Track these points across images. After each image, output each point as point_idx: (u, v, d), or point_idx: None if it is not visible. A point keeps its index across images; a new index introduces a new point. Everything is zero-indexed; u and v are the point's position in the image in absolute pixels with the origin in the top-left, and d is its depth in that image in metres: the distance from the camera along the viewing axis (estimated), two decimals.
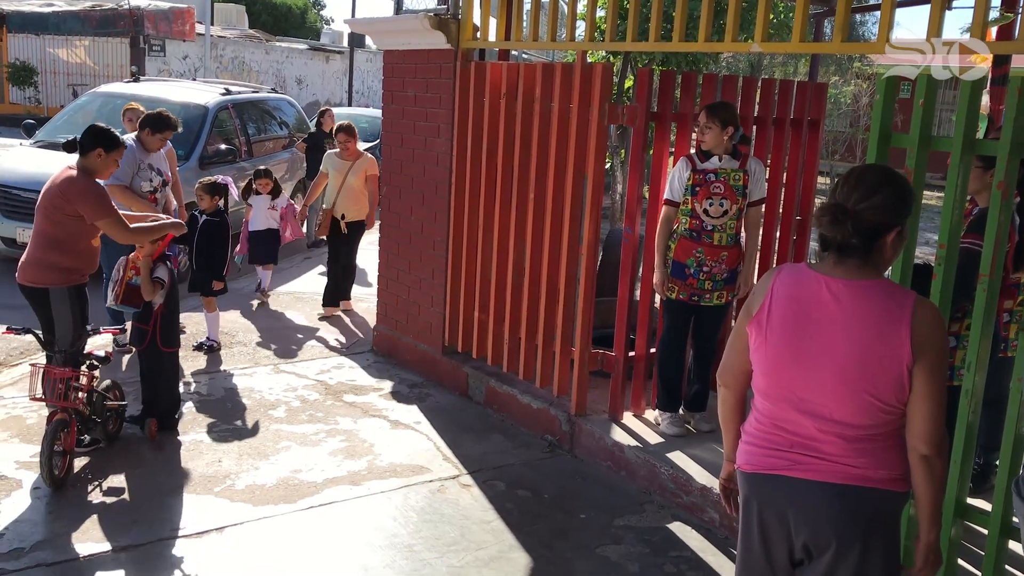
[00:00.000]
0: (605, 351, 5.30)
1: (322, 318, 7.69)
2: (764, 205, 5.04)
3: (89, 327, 4.80)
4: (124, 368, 6.09)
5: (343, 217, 7.67)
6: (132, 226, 4.81)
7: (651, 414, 5.26)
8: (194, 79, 15.44)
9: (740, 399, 2.72)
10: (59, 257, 4.64)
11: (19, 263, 4.78)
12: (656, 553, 4.13)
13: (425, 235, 6.31)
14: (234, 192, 6.85)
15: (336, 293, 7.90)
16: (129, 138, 6.47)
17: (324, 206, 7.78)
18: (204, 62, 24.76)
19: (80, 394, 4.62)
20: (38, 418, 5.10)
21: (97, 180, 4.76)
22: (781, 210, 5.64)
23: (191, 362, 6.38)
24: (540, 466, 5.03)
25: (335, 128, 7.96)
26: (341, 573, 3.84)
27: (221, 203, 6.51)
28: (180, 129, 6.73)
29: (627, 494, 4.71)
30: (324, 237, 7.91)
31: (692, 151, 4.89)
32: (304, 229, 11.32)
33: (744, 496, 2.61)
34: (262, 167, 8.38)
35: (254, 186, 7.87)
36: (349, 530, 4.21)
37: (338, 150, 7.77)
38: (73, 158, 4.77)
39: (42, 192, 4.78)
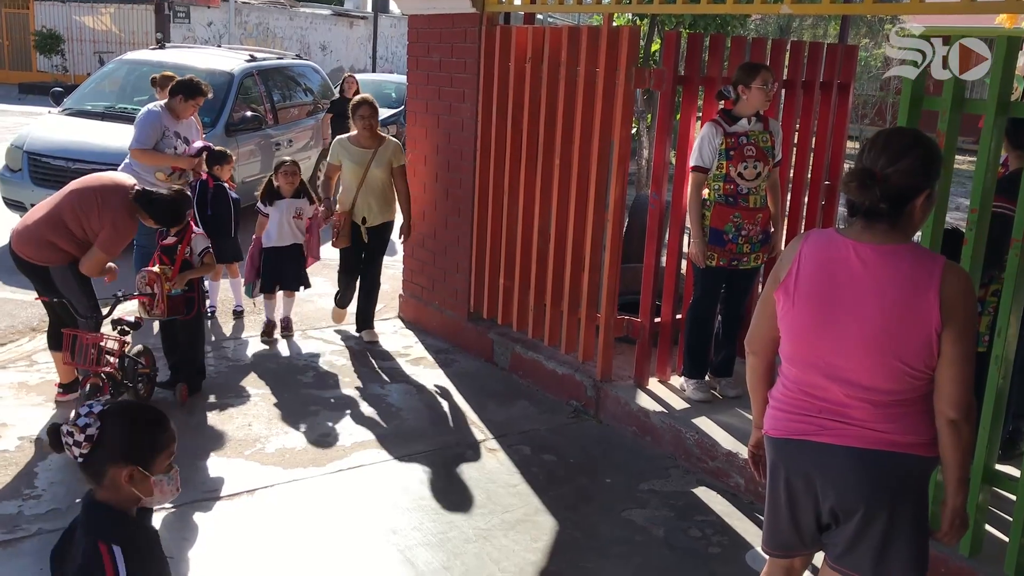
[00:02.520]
0: (631, 317, 5.30)
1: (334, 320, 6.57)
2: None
3: (120, 293, 4.86)
4: (155, 333, 6.16)
5: (364, 222, 6.08)
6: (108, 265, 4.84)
7: (677, 380, 5.26)
8: (219, 46, 15.44)
9: (769, 366, 2.71)
10: (64, 243, 4.67)
11: (17, 230, 4.74)
12: (681, 517, 4.15)
13: (450, 201, 6.31)
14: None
15: (348, 296, 6.42)
16: (158, 104, 6.52)
17: (338, 208, 6.10)
18: (229, 28, 24.76)
19: (112, 359, 4.70)
20: None
21: (133, 218, 4.78)
22: (810, 175, 5.59)
23: (218, 328, 6.45)
24: (565, 431, 5.06)
25: (352, 103, 6.13)
26: (370, 534, 3.90)
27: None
28: (211, 95, 6.74)
29: (652, 459, 4.73)
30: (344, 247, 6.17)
31: (717, 116, 4.84)
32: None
33: (771, 461, 2.62)
34: (286, 157, 6.51)
35: (275, 183, 6.19)
36: (377, 493, 4.26)
37: (353, 132, 6.09)
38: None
39: (89, 181, 4.80)
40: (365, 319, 6.39)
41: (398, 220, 6.30)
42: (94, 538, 2.03)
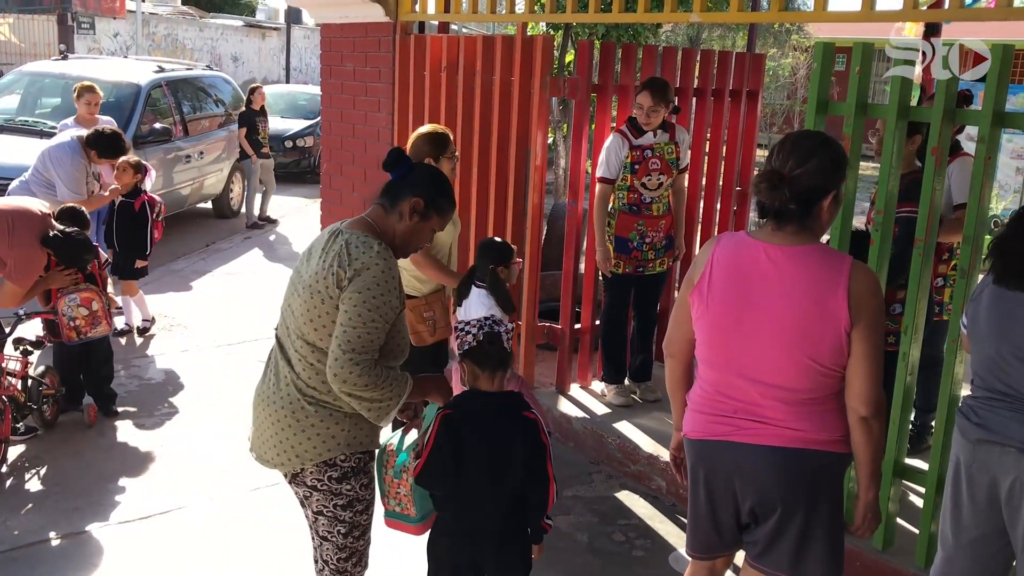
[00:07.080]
0: (551, 324, 5.31)
1: None
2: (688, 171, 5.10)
3: (22, 312, 4.67)
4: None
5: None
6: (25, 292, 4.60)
7: (597, 385, 5.29)
8: (126, 57, 15.02)
9: (686, 369, 2.73)
10: None
11: None
12: (605, 522, 4.17)
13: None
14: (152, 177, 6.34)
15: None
16: (74, 137, 6.04)
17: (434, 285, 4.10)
18: (136, 39, 24.10)
19: (14, 380, 4.50)
20: None
21: (43, 250, 4.53)
22: (721, 182, 5.70)
23: (130, 347, 6.24)
24: None
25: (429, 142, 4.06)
26: (292, 550, 3.80)
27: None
28: (131, 154, 6.25)
29: (575, 465, 4.74)
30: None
31: (624, 126, 4.88)
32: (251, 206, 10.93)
33: (691, 463, 2.64)
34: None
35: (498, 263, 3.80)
36: (298, 508, 4.16)
37: None
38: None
39: (2, 204, 4.61)
40: None
41: None
42: None
